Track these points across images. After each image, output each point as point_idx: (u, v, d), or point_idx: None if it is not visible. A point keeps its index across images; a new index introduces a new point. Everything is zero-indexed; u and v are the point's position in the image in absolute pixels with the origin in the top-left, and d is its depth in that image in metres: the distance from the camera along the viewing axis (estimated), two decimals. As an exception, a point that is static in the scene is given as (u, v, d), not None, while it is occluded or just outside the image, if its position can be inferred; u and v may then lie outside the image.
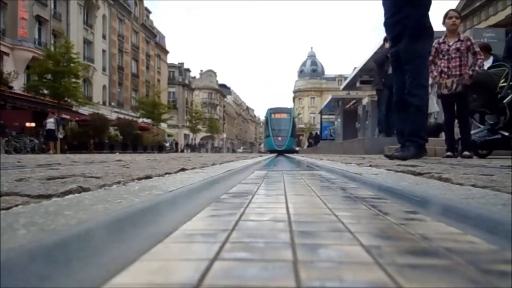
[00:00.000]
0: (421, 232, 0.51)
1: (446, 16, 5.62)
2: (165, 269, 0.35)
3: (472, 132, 5.94)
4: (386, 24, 5.18)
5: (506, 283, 0.31)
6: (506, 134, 5.69)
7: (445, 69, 5.53)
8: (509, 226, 0.54)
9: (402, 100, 5.10)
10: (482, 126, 6.05)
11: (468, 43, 5.48)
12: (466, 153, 5.62)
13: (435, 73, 5.74)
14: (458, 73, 5.49)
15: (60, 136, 18.91)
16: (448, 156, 5.60)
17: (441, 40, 5.65)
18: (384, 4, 5.12)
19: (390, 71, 8.85)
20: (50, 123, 18.13)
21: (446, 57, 5.57)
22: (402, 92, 5.19)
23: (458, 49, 5.47)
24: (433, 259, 0.39)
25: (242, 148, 77.98)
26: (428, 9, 4.92)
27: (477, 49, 5.53)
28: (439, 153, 6.81)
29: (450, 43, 5.51)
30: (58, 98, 20.84)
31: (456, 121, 6.12)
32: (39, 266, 0.36)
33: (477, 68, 5.55)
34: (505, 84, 5.76)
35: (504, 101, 5.63)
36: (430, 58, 5.67)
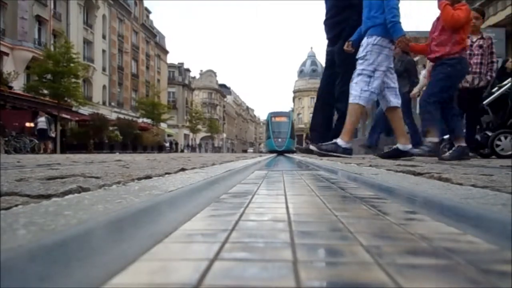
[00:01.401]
0: (421, 232, 0.51)
1: None
2: (165, 269, 0.35)
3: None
4: (325, 24, 5.29)
5: (506, 283, 0.31)
6: (489, 134, 5.72)
7: None
8: (509, 226, 0.54)
9: (325, 101, 5.26)
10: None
11: (489, 41, 5.44)
12: (470, 154, 5.59)
13: None
14: (478, 70, 5.40)
15: (52, 135, 18.53)
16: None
17: None
18: (326, 4, 5.21)
19: None
20: (42, 122, 17.58)
21: (467, 53, 5.50)
22: (326, 92, 5.35)
23: (481, 46, 5.37)
24: (433, 259, 0.39)
25: (252, 148, 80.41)
26: (361, 14, 5.02)
27: (494, 49, 5.49)
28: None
29: (474, 39, 5.42)
30: (58, 98, 20.82)
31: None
32: (39, 266, 0.36)
33: (493, 74, 5.53)
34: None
35: (484, 102, 5.65)
36: None
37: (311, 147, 5.24)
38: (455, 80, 4.34)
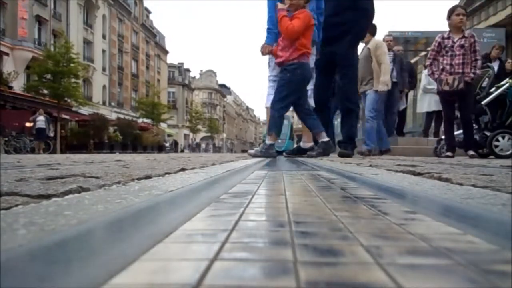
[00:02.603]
0: (421, 232, 0.51)
1: (452, 12, 5.43)
2: (165, 269, 0.35)
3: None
4: (324, 22, 5.25)
5: (506, 283, 0.31)
6: (488, 134, 5.71)
7: (447, 66, 5.35)
8: (509, 226, 0.54)
9: (324, 103, 5.34)
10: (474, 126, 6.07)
11: (472, 39, 5.31)
12: (471, 153, 5.53)
13: (436, 75, 5.52)
14: (460, 71, 5.26)
15: (51, 134, 18.30)
16: (447, 156, 5.58)
17: (445, 36, 5.42)
18: (326, 2, 5.18)
19: None
20: (41, 121, 17.33)
21: (449, 54, 5.34)
22: (325, 93, 5.39)
23: (462, 46, 5.27)
24: (433, 259, 0.39)
25: (255, 149, 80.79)
26: (372, 20, 5.03)
27: (478, 47, 5.40)
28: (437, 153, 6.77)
29: (455, 39, 5.33)
30: (58, 98, 20.81)
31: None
32: (39, 266, 0.36)
33: (477, 71, 5.43)
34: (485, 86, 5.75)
35: (483, 103, 5.63)
36: (432, 54, 5.59)
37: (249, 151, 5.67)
38: (297, 84, 4.67)
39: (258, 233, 0.52)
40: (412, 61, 13.48)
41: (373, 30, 6.55)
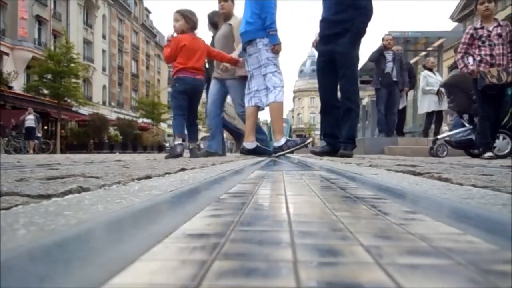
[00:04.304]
0: (421, 232, 0.51)
1: (477, 2, 5.14)
2: (165, 269, 0.35)
3: (458, 130, 5.86)
4: (326, 20, 5.17)
5: (506, 283, 0.31)
6: None
7: (487, 57, 4.86)
8: (509, 226, 0.54)
9: (330, 103, 5.32)
10: (467, 125, 6.04)
11: (507, 28, 4.87)
12: (489, 154, 5.22)
13: (471, 67, 4.93)
14: (502, 62, 4.79)
15: (39, 134, 17.95)
16: (490, 158, 4.97)
17: (478, 26, 5.00)
18: (326, 2, 5.13)
19: (387, 70, 8.90)
20: (30, 120, 17.03)
21: (487, 44, 4.89)
22: (330, 94, 5.36)
23: (500, 35, 4.85)
24: (433, 259, 0.38)
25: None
26: (370, 18, 4.98)
27: None
28: (458, 154, 6.46)
29: (490, 29, 4.92)
30: (58, 98, 20.83)
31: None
32: (39, 266, 0.36)
33: None
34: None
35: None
36: (463, 47, 5.15)
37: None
38: (178, 96, 5.34)
39: (258, 233, 0.52)
40: (412, 61, 13.47)
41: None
